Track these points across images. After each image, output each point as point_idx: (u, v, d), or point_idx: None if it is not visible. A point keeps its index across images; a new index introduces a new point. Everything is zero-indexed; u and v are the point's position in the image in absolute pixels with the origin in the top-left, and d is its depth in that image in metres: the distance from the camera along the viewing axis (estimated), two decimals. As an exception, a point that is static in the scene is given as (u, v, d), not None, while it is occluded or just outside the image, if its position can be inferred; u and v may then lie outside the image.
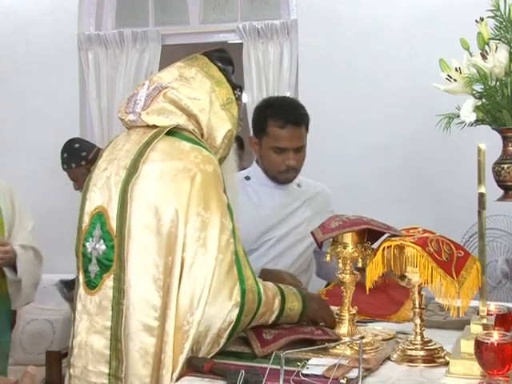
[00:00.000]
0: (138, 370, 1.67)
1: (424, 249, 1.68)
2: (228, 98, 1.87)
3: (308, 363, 1.62)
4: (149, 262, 1.67)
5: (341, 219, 1.82)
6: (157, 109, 1.79)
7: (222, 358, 1.70)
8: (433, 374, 1.62)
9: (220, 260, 1.68)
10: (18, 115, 4.32)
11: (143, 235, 1.69)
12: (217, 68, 1.90)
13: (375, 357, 1.70)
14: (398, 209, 3.58)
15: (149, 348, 1.66)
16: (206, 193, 1.70)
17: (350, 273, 1.81)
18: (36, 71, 4.27)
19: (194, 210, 1.67)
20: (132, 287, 1.68)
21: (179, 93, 1.80)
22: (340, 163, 3.84)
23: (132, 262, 1.69)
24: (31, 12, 4.30)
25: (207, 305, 1.66)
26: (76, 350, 1.76)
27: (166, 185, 1.69)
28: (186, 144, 1.75)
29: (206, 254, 1.67)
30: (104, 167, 1.80)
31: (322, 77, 3.87)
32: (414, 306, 1.74)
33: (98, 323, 1.72)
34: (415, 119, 3.69)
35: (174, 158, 1.72)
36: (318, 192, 2.69)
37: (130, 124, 1.84)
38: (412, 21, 3.75)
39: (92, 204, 1.79)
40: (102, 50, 4.25)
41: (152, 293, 1.67)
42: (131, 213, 1.69)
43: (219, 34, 4.23)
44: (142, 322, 1.67)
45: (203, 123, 1.82)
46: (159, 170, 1.71)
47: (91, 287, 1.75)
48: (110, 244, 1.71)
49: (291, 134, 2.50)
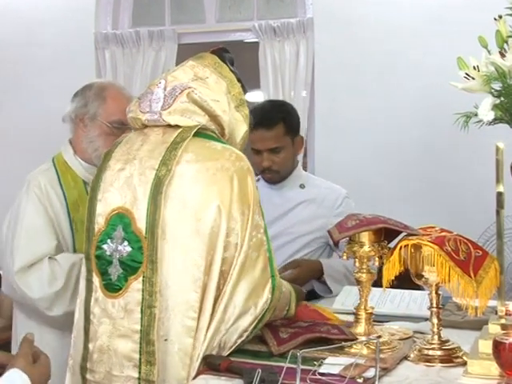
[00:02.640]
0: (178, 372, 1.65)
1: (441, 248, 1.67)
2: (240, 99, 1.88)
3: (324, 362, 1.62)
4: (188, 262, 1.66)
5: (357, 218, 1.82)
6: (180, 109, 1.78)
7: (239, 356, 1.70)
8: (450, 374, 1.61)
9: (255, 258, 1.69)
10: (34, 115, 4.35)
11: (180, 235, 1.67)
12: (228, 68, 1.89)
13: (392, 356, 1.69)
14: (412, 208, 3.56)
15: (188, 349, 1.65)
16: (245, 191, 1.71)
17: (367, 272, 1.81)
18: (53, 71, 4.29)
19: (235, 209, 1.68)
20: (170, 288, 1.66)
21: (202, 94, 1.79)
22: (354, 162, 3.83)
23: (168, 263, 1.67)
24: (48, 12, 4.32)
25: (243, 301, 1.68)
26: (96, 354, 1.72)
27: (204, 185, 1.69)
28: (216, 144, 1.77)
29: (242, 252, 1.68)
30: (120, 167, 1.77)
31: (338, 75, 3.86)
32: (432, 306, 1.73)
33: (124, 327, 1.69)
34: (430, 118, 3.67)
35: (209, 157, 1.72)
36: (323, 193, 2.68)
37: (148, 123, 1.83)
38: (427, 19, 3.72)
39: (108, 205, 1.76)
40: (118, 49, 4.26)
41: (191, 293, 1.66)
42: (165, 213, 1.67)
43: (235, 33, 4.23)
44: (182, 323, 1.65)
45: (225, 124, 1.82)
46: (195, 171, 1.70)
47: (113, 290, 1.71)
48: (136, 245, 1.69)
49: (261, 135, 2.55)
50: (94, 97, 2.35)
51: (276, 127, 2.56)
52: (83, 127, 2.35)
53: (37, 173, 2.36)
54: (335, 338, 1.76)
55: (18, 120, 4.39)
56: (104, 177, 1.80)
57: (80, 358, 1.76)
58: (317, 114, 3.94)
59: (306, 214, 2.62)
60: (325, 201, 2.65)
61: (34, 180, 2.31)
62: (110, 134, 2.27)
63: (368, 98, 3.82)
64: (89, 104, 2.35)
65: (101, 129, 2.31)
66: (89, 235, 1.79)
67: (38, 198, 2.26)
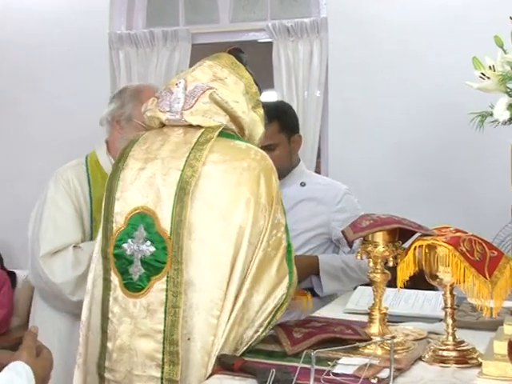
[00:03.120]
0: (199, 370, 1.66)
1: (456, 248, 1.66)
2: (257, 100, 1.89)
3: (338, 362, 1.61)
4: (215, 261, 1.67)
5: (372, 218, 1.81)
6: (202, 109, 1.78)
7: (253, 356, 1.70)
8: (465, 375, 1.60)
9: (273, 256, 1.71)
10: (48, 115, 4.38)
11: (207, 236, 1.68)
12: (245, 69, 1.90)
13: (406, 357, 1.68)
14: (426, 208, 3.55)
15: (209, 346, 1.66)
16: (269, 191, 1.73)
17: (381, 272, 1.80)
18: (67, 71, 4.32)
19: (261, 209, 1.70)
20: (195, 287, 1.67)
21: (222, 94, 1.79)
22: (368, 161, 3.82)
23: (194, 262, 1.67)
24: (62, 12, 4.35)
25: (257, 297, 1.70)
26: (116, 354, 1.72)
27: (232, 185, 1.70)
28: (240, 143, 1.78)
29: (261, 250, 1.70)
30: (140, 167, 1.77)
31: (352, 75, 3.85)
32: (446, 306, 1.72)
33: (146, 326, 1.69)
34: (444, 117, 3.66)
35: (235, 157, 1.73)
36: (322, 190, 2.68)
37: (169, 123, 1.83)
38: (441, 19, 3.71)
39: (127, 204, 1.76)
40: (132, 50, 4.28)
41: (216, 291, 1.66)
42: (191, 214, 1.68)
43: (249, 33, 4.23)
44: (206, 321, 1.66)
45: (246, 125, 1.83)
46: (222, 171, 1.71)
47: (134, 290, 1.71)
48: (160, 246, 1.69)
49: None
50: (129, 98, 2.39)
51: (270, 125, 2.55)
52: (119, 129, 2.40)
53: (66, 167, 2.42)
54: (349, 339, 1.75)
55: (33, 120, 4.42)
56: (122, 175, 1.79)
57: (97, 356, 1.77)
58: (330, 114, 3.94)
59: (306, 211, 2.62)
60: (324, 198, 2.66)
61: (62, 173, 2.37)
62: None
63: (382, 97, 3.81)
64: (125, 106, 2.39)
65: (137, 130, 2.33)
66: (106, 234, 1.79)
67: (66, 191, 2.32)
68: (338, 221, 2.58)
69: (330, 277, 2.54)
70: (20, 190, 4.37)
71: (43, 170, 4.14)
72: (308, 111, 3.95)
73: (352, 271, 2.57)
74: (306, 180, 2.72)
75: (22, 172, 4.39)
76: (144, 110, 1.90)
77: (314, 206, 2.65)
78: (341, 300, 2.39)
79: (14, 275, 4.20)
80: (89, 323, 1.81)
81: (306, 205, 2.64)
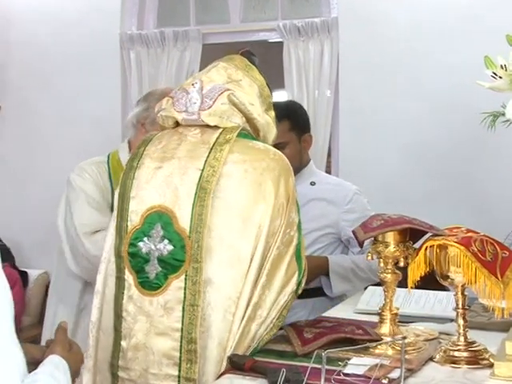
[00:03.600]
0: (216, 366, 1.67)
1: (468, 248, 1.65)
2: (269, 102, 1.91)
3: (349, 363, 1.61)
4: (234, 260, 1.69)
5: (382, 218, 1.81)
6: (220, 110, 1.80)
7: (263, 356, 1.70)
8: (476, 375, 1.60)
9: (284, 253, 1.73)
10: (60, 115, 4.39)
11: (228, 235, 1.70)
12: (258, 71, 1.92)
13: (417, 357, 1.68)
14: (437, 208, 3.54)
15: (225, 342, 1.67)
16: (287, 190, 1.76)
17: (392, 272, 1.80)
18: (78, 71, 4.33)
19: (278, 208, 1.72)
20: (214, 285, 1.68)
21: (239, 96, 1.81)
22: (379, 161, 3.82)
23: (214, 261, 1.69)
24: (74, 12, 4.36)
25: (270, 294, 1.72)
26: (131, 352, 1.72)
27: (252, 184, 1.72)
28: (258, 143, 1.81)
29: (275, 249, 1.72)
30: (157, 166, 1.78)
31: (363, 75, 3.85)
32: (458, 307, 1.72)
33: (163, 324, 1.69)
34: (455, 117, 3.65)
35: (255, 157, 1.76)
36: (332, 190, 2.69)
37: (185, 123, 1.84)
38: (452, 17, 3.70)
39: (143, 203, 1.76)
40: (143, 50, 4.29)
41: (234, 289, 1.68)
42: (212, 213, 1.69)
43: (259, 33, 4.22)
44: (223, 318, 1.67)
45: (261, 127, 1.86)
46: (243, 171, 1.73)
47: (150, 288, 1.72)
48: (179, 244, 1.69)
49: None
50: (155, 102, 2.41)
51: (281, 123, 2.57)
52: (144, 132, 2.42)
53: (90, 162, 2.46)
54: (360, 339, 1.75)
55: (44, 119, 4.44)
56: (137, 174, 1.80)
57: (109, 355, 1.77)
58: (341, 114, 3.93)
59: (315, 211, 2.63)
60: (334, 198, 2.66)
61: (86, 167, 2.43)
62: None
63: (392, 97, 3.80)
64: (150, 109, 2.41)
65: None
66: (120, 232, 1.79)
67: (93, 181, 2.39)
68: (347, 221, 2.58)
69: (339, 277, 2.54)
70: (31, 190, 4.39)
71: (54, 170, 4.19)
72: (318, 111, 3.94)
73: (362, 272, 2.57)
74: (316, 179, 2.72)
75: (33, 172, 4.41)
76: (158, 109, 1.92)
77: (323, 205, 2.65)
78: (351, 300, 2.39)
79: (26, 274, 4.22)
80: (99, 323, 1.82)
81: (316, 204, 2.64)
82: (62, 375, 1.20)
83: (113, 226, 1.84)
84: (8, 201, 4.24)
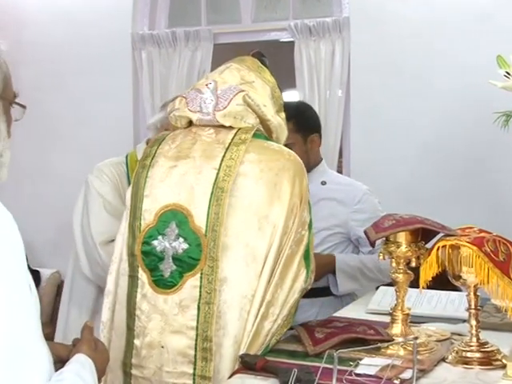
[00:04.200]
0: (231, 365, 1.68)
1: (480, 249, 1.65)
2: (280, 104, 1.93)
3: (361, 363, 1.61)
4: (250, 258, 1.70)
5: (394, 218, 1.81)
6: (235, 111, 1.82)
7: (274, 355, 1.71)
8: (489, 376, 1.59)
9: (295, 252, 1.75)
10: (73, 114, 4.41)
11: (243, 233, 1.71)
12: (269, 72, 1.93)
13: (429, 358, 1.68)
14: (451, 209, 3.52)
15: (240, 340, 1.68)
16: (301, 190, 1.78)
17: (404, 272, 1.79)
18: (90, 71, 4.35)
19: (292, 208, 1.74)
20: (230, 283, 1.69)
21: (254, 98, 1.83)
22: (391, 161, 3.80)
23: (230, 259, 1.70)
24: (86, 13, 4.38)
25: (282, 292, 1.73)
26: (145, 350, 1.73)
27: (268, 184, 1.74)
28: (272, 144, 1.84)
29: (288, 248, 1.74)
30: (171, 165, 1.79)
31: (374, 74, 3.83)
32: (470, 307, 1.71)
33: (178, 323, 1.70)
34: (468, 117, 3.63)
35: (270, 158, 1.78)
36: (343, 190, 2.69)
37: (200, 123, 1.85)
38: (464, 17, 3.67)
39: (157, 201, 1.77)
40: (155, 50, 4.29)
41: (249, 287, 1.69)
42: (229, 212, 1.70)
43: (271, 33, 4.21)
44: (239, 316, 1.68)
45: (274, 128, 1.88)
46: (259, 170, 1.75)
47: (165, 286, 1.73)
48: (194, 243, 1.71)
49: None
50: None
51: (287, 124, 2.60)
52: None
53: (108, 163, 2.47)
54: (371, 339, 1.75)
55: (57, 119, 4.45)
56: (151, 173, 1.81)
57: (121, 354, 1.78)
58: (352, 114, 3.92)
59: (325, 210, 2.63)
60: (344, 198, 2.66)
61: (104, 169, 2.43)
62: None
63: (404, 97, 3.78)
64: None
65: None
66: (134, 231, 1.80)
67: (112, 184, 2.39)
68: (357, 221, 2.59)
69: (346, 276, 2.55)
70: (44, 189, 4.41)
71: (66, 170, 4.21)
72: (330, 111, 3.93)
73: (370, 271, 2.57)
74: (327, 179, 2.73)
75: (46, 172, 4.43)
76: (171, 109, 1.92)
77: (333, 205, 2.66)
78: (363, 300, 2.39)
79: (38, 274, 4.25)
80: (111, 323, 1.83)
81: (326, 204, 2.65)
82: (89, 374, 1.20)
83: (124, 225, 1.85)
84: (22, 200, 4.25)
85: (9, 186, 2.10)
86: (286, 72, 3.99)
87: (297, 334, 1.81)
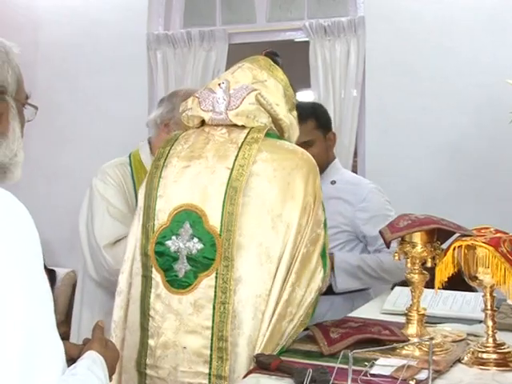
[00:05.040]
0: (246, 365, 1.68)
1: (496, 249, 1.64)
2: (292, 103, 1.92)
3: (376, 363, 1.60)
4: (264, 258, 1.70)
5: (410, 218, 1.81)
6: (247, 110, 1.82)
7: (289, 355, 1.71)
8: (506, 378, 1.58)
9: (312, 251, 1.75)
10: (88, 114, 4.44)
11: (257, 232, 1.71)
12: (282, 71, 1.93)
13: (445, 359, 1.67)
14: (465, 209, 3.50)
15: (255, 340, 1.68)
16: (314, 189, 1.78)
17: (419, 272, 1.79)
18: (107, 71, 4.37)
19: (306, 206, 1.74)
20: (245, 283, 1.69)
21: (266, 97, 1.83)
22: (405, 161, 3.79)
23: (244, 259, 1.70)
24: (101, 13, 4.41)
25: (299, 291, 1.73)
26: (160, 350, 1.74)
27: (282, 183, 1.74)
28: (285, 143, 1.84)
29: (304, 247, 1.74)
30: (185, 165, 1.80)
31: (389, 74, 3.83)
32: (486, 308, 1.70)
33: (193, 322, 1.70)
34: (484, 117, 3.61)
35: (284, 157, 1.78)
36: (350, 189, 2.70)
37: (212, 122, 1.85)
38: (480, 16, 3.66)
39: (171, 201, 1.78)
40: (170, 50, 4.31)
41: (263, 287, 1.69)
42: (243, 211, 1.71)
43: (286, 32, 4.22)
44: (254, 316, 1.68)
45: (286, 127, 1.88)
46: (272, 170, 1.75)
47: (179, 286, 1.73)
48: (209, 242, 1.71)
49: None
50: (180, 102, 2.43)
51: (307, 122, 2.62)
52: (167, 132, 2.44)
53: (111, 165, 2.48)
54: (386, 339, 1.75)
55: (72, 119, 4.48)
56: (164, 173, 1.81)
57: (135, 354, 1.78)
58: (367, 113, 3.91)
59: (333, 209, 2.64)
60: (350, 197, 2.68)
61: (108, 170, 2.44)
62: None
63: (419, 96, 3.77)
64: (175, 109, 2.42)
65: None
66: (147, 231, 1.80)
67: (115, 186, 2.40)
68: (361, 219, 2.62)
69: (345, 274, 2.56)
70: (59, 189, 4.44)
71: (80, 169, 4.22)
72: (345, 110, 3.93)
73: (372, 270, 2.57)
74: (337, 178, 2.75)
75: (61, 171, 4.46)
76: (184, 109, 1.93)
77: (340, 203, 2.67)
78: (378, 300, 2.38)
79: (54, 273, 4.27)
80: (123, 323, 1.83)
81: (334, 202, 2.66)
82: (100, 370, 1.22)
83: (137, 225, 1.85)
84: (37, 200, 4.27)
85: (24, 186, 2.13)
86: (301, 72, 3.99)
87: (312, 334, 1.82)
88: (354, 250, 2.68)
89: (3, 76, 1.25)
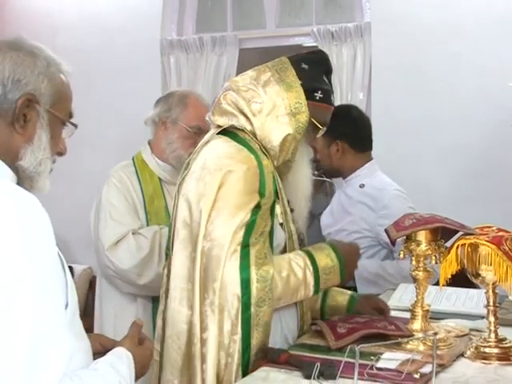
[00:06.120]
0: (175, 356, 1.80)
1: (499, 247, 1.67)
2: (296, 103, 1.86)
3: (382, 357, 1.64)
4: (184, 254, 1.79)
5: (414, 217, 1.84)
6: (221, 110, 1.89)
7: (297, 349, 1.75)
8: (507, 371, 1.62)
9: (232, 251, 1.72)
10: (102, 118, 4.49)
11: (182, 230, 1.81)
12: (294, 72, 1.89)
13: (448, 353, 1.71)
14: (470, 209, 3.51)
15: (181, 335, 1.78)
16: (229, 190, 1.74)
17: (424, 270, 1.83)
18: (122, 76, 4.42)
19: (214, 206, 1.74)
20: (172, 276, 1.82)
21: (238, 95, 1.85)
22: (412, 163, 3.82)
23: (174, 254, 1.82)
24: (117, 20, 4.46)
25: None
26: None
27: (198, 182, 1.79)
28: (231, 144, 1.82)
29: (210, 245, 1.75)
30: None
31: (395, 78, 3.86)
32: (489, 304, 1.74)
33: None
34: (489, 119, 3.64)
35: (214, 156, 1.81)
36: (375, 195, 2.71)
37: (208, 125, 1.98)
38: (485, 21, 3.68)
39: None
40: (182, 55, 4.36)
41: (186, 283, 1.79)
42: (177, 209, 1.83)
43: (294, 38, 4.26)
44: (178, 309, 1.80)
45: (255, 125, 1.84)
46: (199, 168, 1.81)
47: None
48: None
49: None
50: (177, 103, 2.54)
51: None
52: (164, 130, 2.54)
53: (118, 168, 2.58)
54: (392, 334, 1.79)
55: (87, 123, 4.49)
56: None
57: None
58: (373, 116, 3.93)
59: (357, 214, 2.69)
60: (373, 203, 2.69)
61: (114, 174, 2.53)
62: (188, 138, 2.49)
63: (425, 100, 3.80)
64: (172, 109, 2.53)
65: (180, 132, 2.51)
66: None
67: (118, 188, 2.48)
68: (383, 226, 2.57)
69: (365, 281, 2.58)
70: (76, 188, 4.51)
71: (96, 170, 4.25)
72: (352, 114, 3.96)
73: (391, 277, 2.58)
74: (366, 181, 2.75)
75: (78, 171, 4.51)
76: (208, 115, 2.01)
77: (364, 209, 2.69)
78: (384, 297, 2.41)
79: (71, 269, 4.34)
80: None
81: (359, 207, 2.70)
82: (125, 367, 1.24)
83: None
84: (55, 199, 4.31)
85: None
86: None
87: (319, 328, 1.85)
88: (376, 255, 2.68)
89: (36, 85, 1.25)
